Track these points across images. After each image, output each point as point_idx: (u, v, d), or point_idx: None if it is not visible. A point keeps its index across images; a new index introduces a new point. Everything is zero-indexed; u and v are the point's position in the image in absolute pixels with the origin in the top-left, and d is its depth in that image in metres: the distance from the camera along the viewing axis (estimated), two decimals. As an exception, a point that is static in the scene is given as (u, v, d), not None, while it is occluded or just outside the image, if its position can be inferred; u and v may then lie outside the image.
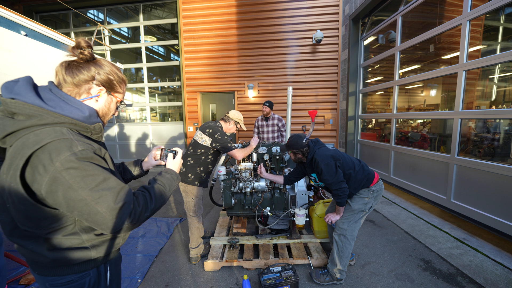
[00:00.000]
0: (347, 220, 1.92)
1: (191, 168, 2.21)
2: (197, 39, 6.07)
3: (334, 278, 1.97)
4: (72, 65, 0.80)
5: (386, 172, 4.48)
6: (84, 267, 0.82)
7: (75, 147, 0.69)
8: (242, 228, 2.54)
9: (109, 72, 0.85)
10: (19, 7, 6.54)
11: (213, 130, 2.17)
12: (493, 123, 2.79)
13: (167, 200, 0.92)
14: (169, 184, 0.94)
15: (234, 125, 2.37)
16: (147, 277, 2.13)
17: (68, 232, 0.77)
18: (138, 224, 0.79)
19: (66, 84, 0.79)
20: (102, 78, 0.83)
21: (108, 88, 0.86)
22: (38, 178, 0.66)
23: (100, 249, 0.84)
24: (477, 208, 2.75)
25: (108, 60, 0.88)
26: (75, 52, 0.80)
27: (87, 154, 0.71)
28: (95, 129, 0.82)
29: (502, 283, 1.93)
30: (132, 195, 0.78)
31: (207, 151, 2.21)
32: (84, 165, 0.69)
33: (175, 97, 7.36)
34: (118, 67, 0.90)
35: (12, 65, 2.80)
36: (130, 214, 0.74)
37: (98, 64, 0.83)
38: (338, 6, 5.62)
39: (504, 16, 2.74)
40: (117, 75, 0.88)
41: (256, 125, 4.20)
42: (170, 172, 0.99)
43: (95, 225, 0.72)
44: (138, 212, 0.77)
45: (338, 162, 1.82)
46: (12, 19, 2.87)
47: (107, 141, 6.98)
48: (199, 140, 2.20)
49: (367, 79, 5.34)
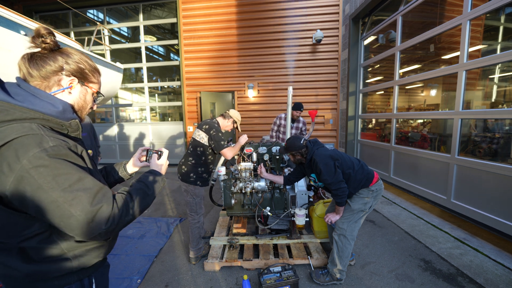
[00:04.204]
0: (347, 220, 1.92)
1: (193, 168, 2.21)
2: (197, 39, 6.07)
3: (334, 278, 1.97)
4: (35, 56, 0.73)
5: (386, 172, 4.48)
6: (65, 281, 0.74)
7: (45, 143, 0.63)
8: (242, 228, 2.54)
9: (79, 60, 0.78)
10: (18, 7, 6.54)
11: (209, 126, 2.18)
12: (493, 123, 2.79)
13: (150, 203, 0.86)
14: (152, 186, 0.88)
15: (232, 123, 2.37)
16: (147, 277, 2.13)
17: (43, 240, 0.69)
18: (118, 229, 0.72)
19: (33, 78, 0.72)
20: (72, 67, 0.77)
21: (80, 78, 0.80)
22: (1, 178, 0.60)
23: (82, 260, 0.76)
24: (477, 208, 2.75)
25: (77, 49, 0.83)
26: (36, 42, 0.73)
27: (60, 150, 0.65)
28: (71, 126, 0.76)
29: (502, 283, 1.93)
30: (112, 197, 0.71)
31: (206, 150, 2.21)
32: (56, 163, 0.63)
33: (175, 97, 7.36)
34: (88, 56, 0.83)
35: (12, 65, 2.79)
36: (108, 218, 0.67)
37: (65, 53, 0.77)
38: (338, 5, 5.62)
39: (504, 16, 2.73)
40: (88, 64, 0.82)
41: (277, 122, 3.94)
42: (154, 173, 0.93)
43: (69, 230, 0.65)
44: (117, 215, 0.70)
45: (337, 162, 1.82)
46: (12, 19, 2.86)
47: (107, 141, 6.99)
48: (197, 138, 2.21)
49: (367, 79, 5.33)
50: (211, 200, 2.95)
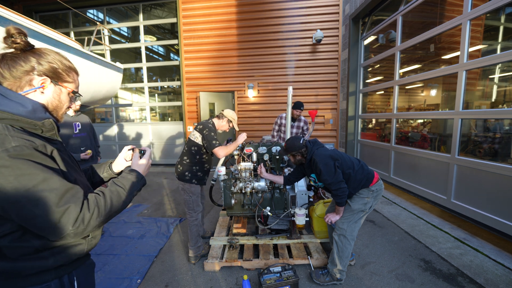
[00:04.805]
0: (347, 220, 1.92)
1: (188, 167, 2.24)
2: (197, 39, 6.07)
3: (334, 278, 1.97)
4: (6, 57, 0.73)
5: (386, 172, 4.47)
6: (42, 279, 0.73)
7: (8, 143, 0.63)
8: (242, 228, 2.54)
9: (52, 60, 0.78)
10: (18, 6, 6.54)
11: (203, 126, 2.21)
12: (494, 123, 2.79)
13: (127, 204, 0.85)
14: (130, 186, 0.86)
15: (227, 123, 2.37)
16: (147, 277, 2.13)
17: (16, 239, 0.69)
18: (90, 230, 0.72)
19: (5, 79, 0.73)
20: (44, 67, 0.76)
21: (54, 78, 0.79)
22: None
23: (59, 257, 0.75)
24: (477, 208, 2.75)
25: (52, 49, 0.81)
26: (7, 42, 0.73)
27: (23, 151, 0.65)
28: (44, 125, 0.75)
29: (502, 283, 1.93)
30: (82, 197, 0.71)
31: (200, 149, 2.23)
32: (18, 163, 0.63)
33: (175, 97, 7.36)
34: (64, 56, 0.83)
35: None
36: (76, 219, 0.67)
37: (37, 53, 0.76)
38: (338, 5, 5.62)
39: (504, 15, 2.73)
40: (62, 63, 0.81)
41: (278, 122, 3.90)
42: (133, 173, 0.92)
43: (37, 230, 0.66)
44: (87, 217, 0.69)
45: (337, 162, 1.82)
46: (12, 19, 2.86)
47: (107, 141, 6.99)
48: (192, 137, 2.25)
49: (367, 79, 5.33)
50: (211, 200, 2.95)
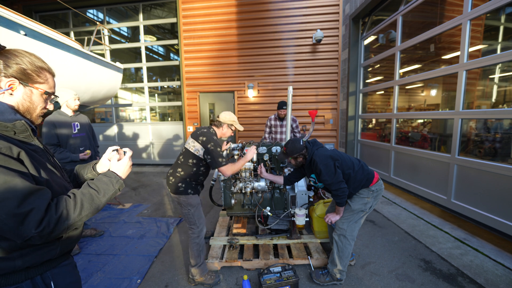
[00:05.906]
0: (347, 220, 1.92)
1: (181, 179, 1.96)
2: (197, 39, 6.07)
3: (334, 278, 1.96)
4: None
5: (387, 172, 4.47)
6: (11, 280, 0.73)
7: None
8: (242, 228, 2.54)
9: (20, 61, 0.77)
10: (18, 6, 6.53)
11: (207, 138, 1.91)
12: (494, 123, 2.79)
13: (101, 207, 0.83)
14: (104, 188, 0.84)
15: (228, 128, 2.12)
16: (147, 278, 2.13)
17: None
18: (58, 233, 0.71)
19: None
20: (12, 69, 0.75)
21: (23, 79, 0.78)
22: None
23: (28, 258, 0.74)
24: (477, 208, 2.75)
25: (24, 50, 0.80)
26: None
27: None
28: (15, 127, 0.74)
29: (502, 283, 1.93)
30: (48, 199, 0.69)
31: (199, 163, 1.96)
32: None
33: (175, 97, 7.35)
34: (36, 56, 0.82)
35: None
36: (41, 221, 0.66)
37: (5, 54, 0.76)
38: (338, 5, 5.62)
39: (504, 15, 2.73)
40: (32, 64, 0.79)
41: (268, 124, 3.95)
42: (109, 175, 0.89)
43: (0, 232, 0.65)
44: (53, 219, 0.68)
45: (337, 162, 1.82)
46: (12, 19, 2.86)
47: (107, 141, 6.99)
48: (191, 149, 1.95)
49: (367, 78, 5.33)
50: (211, 200, 2.94)
